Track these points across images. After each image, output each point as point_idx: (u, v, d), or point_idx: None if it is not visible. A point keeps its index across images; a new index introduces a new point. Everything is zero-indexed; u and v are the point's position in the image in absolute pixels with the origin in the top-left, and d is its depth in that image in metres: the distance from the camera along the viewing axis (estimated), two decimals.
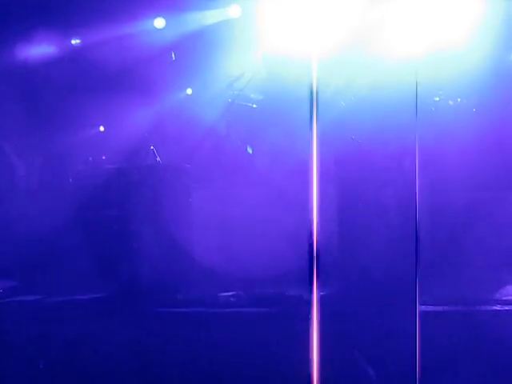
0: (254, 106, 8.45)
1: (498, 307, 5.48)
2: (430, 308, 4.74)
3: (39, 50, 8.62)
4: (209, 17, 8.75)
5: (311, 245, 4.61)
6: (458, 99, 7.26)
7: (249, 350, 5.41)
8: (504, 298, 5.67)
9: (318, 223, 4.69)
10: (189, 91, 9.31)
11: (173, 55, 8.91)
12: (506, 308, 5.43)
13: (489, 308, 5.41)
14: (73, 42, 9.04)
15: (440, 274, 5.58)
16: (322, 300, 4.78)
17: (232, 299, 6.22)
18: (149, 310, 6.11)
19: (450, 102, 7.28)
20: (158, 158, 7.88)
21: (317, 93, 5.11)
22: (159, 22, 8.85)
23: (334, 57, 6.54)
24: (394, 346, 4.96)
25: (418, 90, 5.28)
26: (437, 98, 7.27)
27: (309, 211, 4.84)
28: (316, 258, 4.66)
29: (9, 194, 7.79)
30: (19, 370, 5.42)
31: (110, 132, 8.88)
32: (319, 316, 4.66)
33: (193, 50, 8.75)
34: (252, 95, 8.47)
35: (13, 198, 7.76)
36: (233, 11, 8.71)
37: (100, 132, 9.19)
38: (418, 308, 4.48)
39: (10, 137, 8.33)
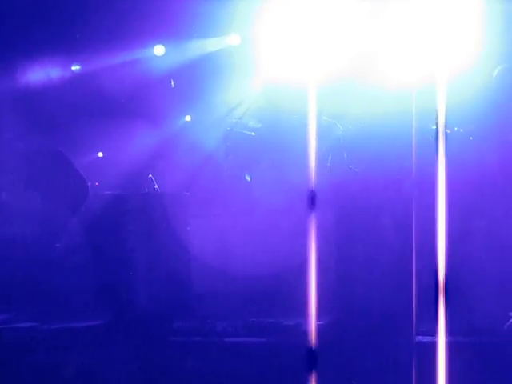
0: (253, 134, 8.47)
1: (497, 338, 5.46)
2: (427, 339, 4.73)
3: (38, 75, 8.66)
4: (208, 45, 8.80)
5: (309, 273, 4.58)
6: (455, 128, 7.27)
7: (246, 379, 5.37)
8: (502, 329, 5.64)
9: (315, 252, 4.67)
10: (187, 118, 9.34)
11: (172, 83, 8.96)
12: (505, 339, 5.40)
13: (487, 339, 5.39)
14: (72, 68, 9.10)
15: (438, 303, 5.53)
16: (320, 330, 4.74)
17: (229, 328, 6.18)
18: (145, 339, 6.07)
19: (447, 131, 7.28)
20: (156, 186, 7.88)
21: (315, 121, 5.11)
22: (159, 50, 8.91)
23: (332, 85, 6.56)
24: (392, 377, 4.92)
25: (414, 119, 5.29)
26: (434, 127, 7.28)
27: (306, 239, 4.82)
28: (314, 287, 4.63)
29: (5, 218, 7.76)
30: None
31: (107, 158, 8.90)
32: (317, 346, 4.62)
33: (192, 78, 8.79)
34: (250, 123, 8.50)
35: (8, 223, 7.74)
36: (232, 39, 8.77)
37: (98, 158, 9.20)
38: (415, 338, 4.45)
39: (9, 160, 8.32)
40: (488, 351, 5.28)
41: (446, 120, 4.53)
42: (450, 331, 3.86)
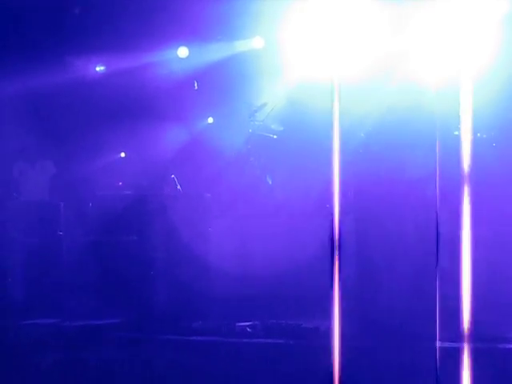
0: (275, 136, 8.47)
1: None
2: (448, 344, 4.70)
3: (64, 76, 8.73)
4: (232, 47, 8.84)
5: (330, 277, 4.60)
6: (478, 134, 7.23)
7: (264, 381, 5.37)
8: None
9: (337, 255, 4.68)
10: (210, 120, 9.37)
11: (195, 84, 9.00)
12: None
13: (508, 346, 5.33)
14: (97, 69, 9.17)
15: (460, 309, 5.51)
16: (340, 332, 4.75)
17: (248, 329, 6.19)
18: (164, 338, 6.09)
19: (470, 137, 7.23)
20: (179, 186, 7.92)
21: (338, 123, 5.13)
22: (182, 52, 8.96)
23: (355, 87, 6.57)
24: (412, 382, 4.91)
25: (437, 123, 5.28)
26: (456, 133, 7.24)
27: (328, 243, 4.83)
28: (335, 291, 4.64)
29: (30, 217, 7.83)
30: None
31: (131, 159, 8.96)
32: (337, 349, 4.63)
33: (215, 80, 8.83)
34: (273, 126, 8.51)
35: (33, 222, 7.80)
36: (256, 42, 8.80)
37: (121, 158, 9.27)
38: (438, 344, 4.43)
39: (34, 160, 8.41)
40: (506, 358, 5.22)
41: (470, 126, 4.53)
42: (473, 337, 3.84)
